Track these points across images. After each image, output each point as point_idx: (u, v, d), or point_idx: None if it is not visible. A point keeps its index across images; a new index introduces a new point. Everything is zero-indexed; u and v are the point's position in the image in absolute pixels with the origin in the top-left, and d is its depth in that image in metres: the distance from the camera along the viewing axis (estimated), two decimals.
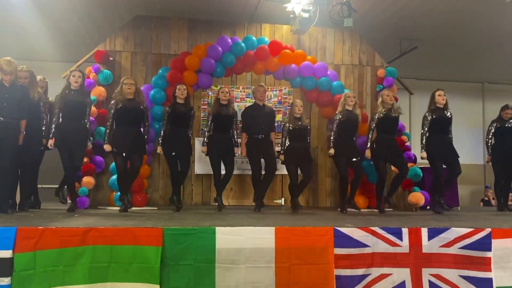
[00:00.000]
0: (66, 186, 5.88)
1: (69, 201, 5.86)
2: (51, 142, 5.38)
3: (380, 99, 6.22)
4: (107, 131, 5.63)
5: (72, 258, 3.34)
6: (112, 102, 5.66)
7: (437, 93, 6.08)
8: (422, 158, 6.12)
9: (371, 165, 7.01)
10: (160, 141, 5.96)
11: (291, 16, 7.06)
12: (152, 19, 7.45)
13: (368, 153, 6.15)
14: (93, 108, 5.95)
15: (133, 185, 6.30)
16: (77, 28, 8.40)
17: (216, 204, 6.12)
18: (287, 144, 6.24)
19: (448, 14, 7.60)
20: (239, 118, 6.32)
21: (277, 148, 7.13)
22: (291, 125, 6.20)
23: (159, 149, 5.93)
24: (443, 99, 6.03)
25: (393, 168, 6.60)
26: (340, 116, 6.18)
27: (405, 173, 6.17)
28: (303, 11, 6.76)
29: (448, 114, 6.08)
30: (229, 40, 6.96)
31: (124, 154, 5.58)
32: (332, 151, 6.17)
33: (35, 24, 7.89)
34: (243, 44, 6.96)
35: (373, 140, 6.12)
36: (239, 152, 6.27)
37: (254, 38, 7.16)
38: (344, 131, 6.17)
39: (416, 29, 8.31)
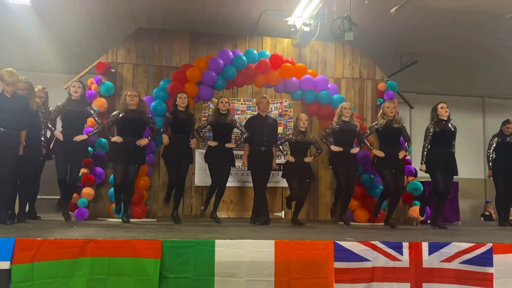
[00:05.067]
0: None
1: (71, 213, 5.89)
2: (44, 151, 5.56)
3: (380, 111, 6.23)
4: (104, 127, 5.75)
5: (71, 270, 3.32)
6: (116, 112, 5.79)
7: (439, 105, 6.08)
8: (421, 170, 6.10)
9: (372, 178, 7.01)
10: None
11: (292, 29, 7.11)
12: (154, 32, 7.50)
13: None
14: (90, 119, 5.97)
15: (133, 197, 6.29)
16: (80, 40, 8.46)
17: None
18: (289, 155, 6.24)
19: (448, 29, 7.65)
20: (239, 126, 6.27)
21: (278, 161, 7.14)
22: (294, 139, 6.19)
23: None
24: (446, 112, 6.02)
25: None
26: (336, 126, 6.18)
27: (398, 194, 6.14)
28: (304, 24, 6.81)
29: (452, 127, 6.07)
30: (231, 53, 7.01)
31: (122, 164, 5.64)
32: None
33: (37, 35, 7.95)
34: (244, 58, 7.00)
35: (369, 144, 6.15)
36: (241, 164, 6.27)
37: (255, 51, 7.21)
38: (341, 141, 6.16)
39: (416, 44, 8.36)
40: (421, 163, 6.04)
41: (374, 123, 6.29)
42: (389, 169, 6.00)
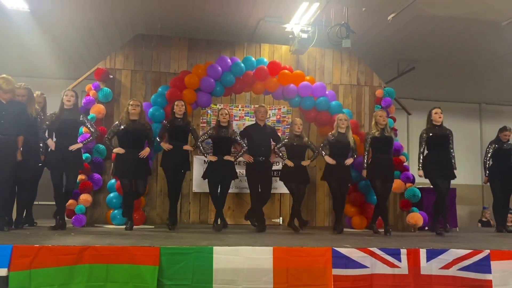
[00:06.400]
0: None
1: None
2: (42, 157, 5.56)
3: (373, 120, 6.26)
4: (106, 141, 5.78)
5: (68, 277, 3.31)
6: (117, 123, 5.81)
7: (433, 111, 6.13)
8: (419, 176, 6.14)
9: (369, 185, 7.02)
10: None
11: (290, 36, 7.15)
12: (153, 38, 7.52)
13: (364, 173, 6.17)
14: (85, 128, 5.97)
15: None
16: (78, 46, 8.47)
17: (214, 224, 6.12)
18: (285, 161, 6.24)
19: (445, 36, 7.70)
20: (239, 141, 6.24)
21: (275, 167, 7.15)
22: (290, 142, 6.20)
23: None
24: (440, 117, 6.07)
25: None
26: (332, 138, 6.19)
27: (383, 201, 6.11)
28: (302, 31, 6.86)
29: (446, 131, 6.10)
30: (229, 60, 7.03)
31: (129, 178, 5.68)
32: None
33: (36, 41, 7.97)
34: (242, 64, 7.02)
35: (369, 160, 6.14)
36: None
37: (253, 58, 7.23)
38: (335, 153, 6.16)
39: (413, 51, 8.41)
40: (418, 169, 6.08)
41: (367, 134, 6.33)
42: (380, 179, 6.04)
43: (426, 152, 6.10)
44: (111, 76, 7.20)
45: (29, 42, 8.01)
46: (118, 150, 5.65)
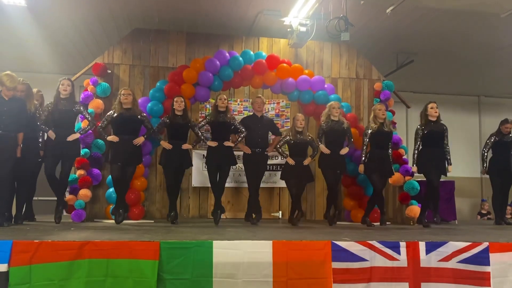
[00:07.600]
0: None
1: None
2: (41, 153, 5.58)
3: (372, 114, 6.26)
4: (100, 129, 5.75)
5: (68, 272, 3.31)
6: (111, 111, 5.79)
7: (429, 105, 6.12)
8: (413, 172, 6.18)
9: None
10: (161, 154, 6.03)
11: (288, 30, 7.12)
12: (151, 32, 7.49)
13: (361, 168, 6.15)
14: (84, 122, 5.97)
15: (130, 198, 6.31)
16: (76, 41, 8.44)
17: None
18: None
19: (444, 28, 7.68)
20: (237, 125, 6.21)
21: (276, 161, 7.14)
22: (292, 139, 6.18)
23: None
24: (436, 112, 6.06)
25: (390, 181, 6.59)
26: (325, 127, 6.18)
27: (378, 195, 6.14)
28: (300, 25, 6.84)
29: (443, 127, 6.09)
30: (227, 54, 7.01)
31: (119, 164, 5.66)
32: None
33: (33, 36, 7.93)
34: (240, 58, 7.00)
35: (366, 155, 6.14)
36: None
37: (251, 52, 7.21)
38: (331, 141, 6.16)
39: (412, 43, 8.39)
40: (412, 165, 6.11)
41: (366, 128, 6.31)
42: (377, 173, 6.05)
43: (420, 148, 6.11)
44: (109, 71, 7.17)
45: (26, 37, 7.97)
46: (112, 138, 5.64)
